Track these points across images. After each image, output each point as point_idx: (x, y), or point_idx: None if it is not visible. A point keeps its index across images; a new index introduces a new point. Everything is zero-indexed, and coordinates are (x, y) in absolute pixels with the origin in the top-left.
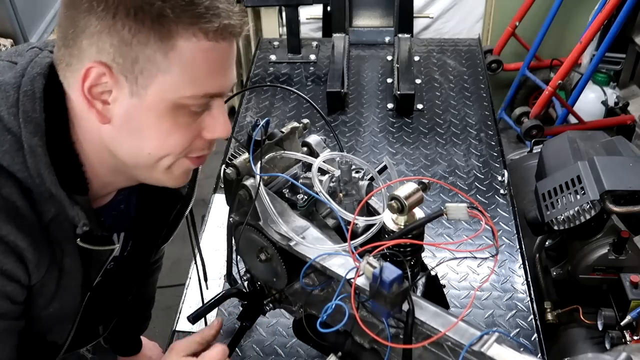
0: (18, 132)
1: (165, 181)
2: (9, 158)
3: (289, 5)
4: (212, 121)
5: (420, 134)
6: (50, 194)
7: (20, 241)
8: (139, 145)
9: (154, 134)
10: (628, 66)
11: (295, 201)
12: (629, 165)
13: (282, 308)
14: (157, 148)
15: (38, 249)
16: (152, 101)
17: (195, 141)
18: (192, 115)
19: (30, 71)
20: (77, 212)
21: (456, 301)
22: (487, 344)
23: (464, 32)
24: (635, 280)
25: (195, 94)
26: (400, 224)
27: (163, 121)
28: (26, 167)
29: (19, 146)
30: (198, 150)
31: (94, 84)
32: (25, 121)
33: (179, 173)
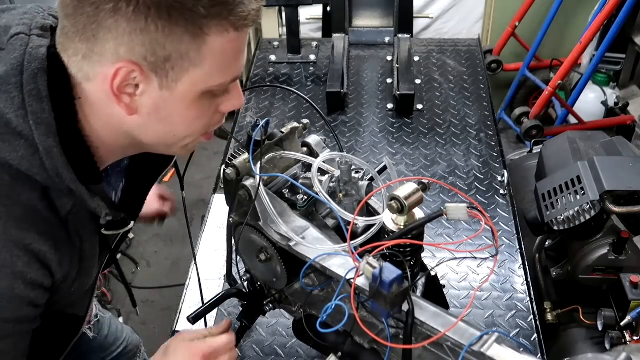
0: (30, 136)
1: (179, 153)
2: (27, 163)
3: (289, 6)
4: (228, 95)
5: (420, 134)
6: (69, 191)
7: (42, 246)
8: (166, 131)
9: (183, 120)
10: (628, 66)
11: (295, 201)
12: (629, 166)
13: (282, 308)
14: (184, 131)
15: (60, 249)
16: (182, 92)
17: (214, 117)
18: (214, 97)
19: (29, 67)
20: (97, 204)
21: (456, 301)
22: (487, 344)
23: (463, 33)
24: (635, 281)
25: (224, 82)
26: (400, 224)
27: (192, 109)
28: (44, 169)
29: (34, 150)
30: (215, 125)
31: (123, 82)
32: (37, 123)
33: (193, 147)
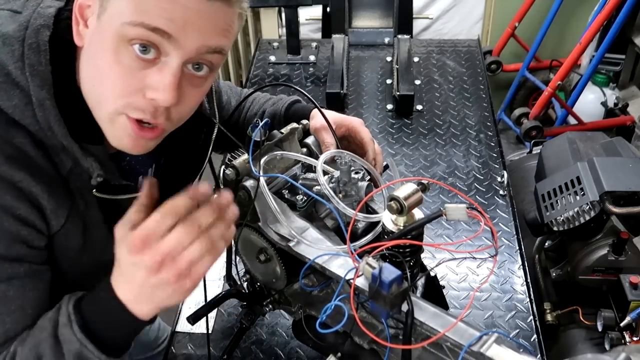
0: (26, 86)
1: (110, 136)
2: (19, 112)
3: (289, 6)
4: (157, 78)
5: (420, 134)
6: (62, 147)
7: (34, 187)
8: (89, 76)
9: (99, 64)
10: (627, 67)
11: (295, 202)
12: (629, 166)
13: (282, 309)
14: (99, 84)
15: (54, 196)
16: (104, 27)
17: (137, 96)
18: (136, 61)
19: (34, 23)
20: (90, 163)
21: (456, 302)
22: (486, 344)
23: (463, 33)
24: (634, 281)
25: (135, 20)
26: (400, 224)
27: (106, 53)
28: (36, 121)
29: (27, 100)
30: (136, 110)
31: (83, 4)
32: (32, 74)
33: (120, 132)
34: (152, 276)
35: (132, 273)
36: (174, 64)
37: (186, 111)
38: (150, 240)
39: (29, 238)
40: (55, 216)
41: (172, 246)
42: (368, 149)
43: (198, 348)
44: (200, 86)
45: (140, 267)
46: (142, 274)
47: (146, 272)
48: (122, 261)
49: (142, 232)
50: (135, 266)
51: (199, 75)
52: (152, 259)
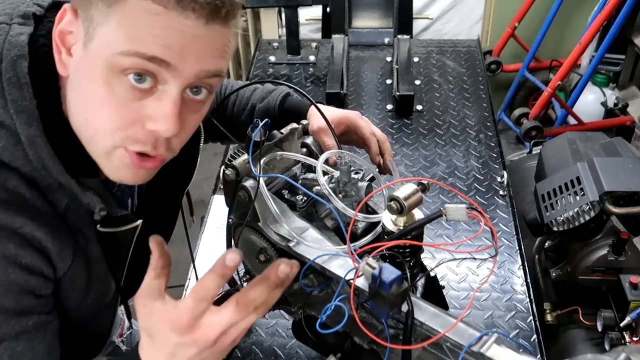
0: (12, 125)
1: (107, 169)
2: (9, 154)
3: (289, 6)
4: (156, 108)
5: (420, 135)
6: (58, 184)
7: (36, 232)
8: (80, 109)
9: (90, 97)
10: (627, 67)
11: (295, 202)
12: (629, 167)
13: (282, 309)
14: (92, 117)
15: (58, 238)
16: (92, 56)
17: (135, 128)
18: (132, 92)
19: (8, 54)
20: (91, 198)
21: (455, 302)
22: (486, 344)
23: (463, 33)
24: (634, 282)
25: (128, 49)
26: (400, 224)
27: (98, 85)
28: (28, 161)
29: (16, 140)
30: (137, 142)
31: (64, 30)
32: (17, 112)
33: (118, 164)
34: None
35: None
36: (173, 92)
37: (186, 137)
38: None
39: (36, 287)
40: (62, 259)
41: (224, 326)
42: (369, 144)
43: None
44: (199, 110)
45: (191, 346)
46: (194, 351)
47: (198, 350)
48: (154, 335)
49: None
50: (185, 346)
51: (198, 99)
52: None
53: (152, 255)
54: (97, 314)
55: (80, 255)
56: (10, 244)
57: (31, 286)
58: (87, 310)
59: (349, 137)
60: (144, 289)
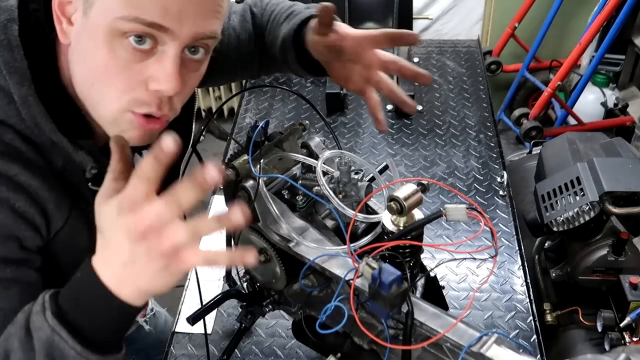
0: (5, 85)
1: (114, 132)
2: (3, 112)
3: None
4: (158, 68)
5: (420, 135)
6: (52, 143)
7: (31, 180)
8: (85, 75)
9: (93, 63)
10: (627, 67)
11: (295, 202)
12: (628, 167)
13: (282, 309)
14: (98, 82)
15: (54, 190)
16: (93, 22)
17: (139, 90)
18: (133, 53)
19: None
20: (83, 157)
21: (455, 302)
22: (486, 345)
23: (463, 34)
24: (634, 282)
25: (128, 14)
26: (400, 225)
27: (101, 50)
28: (22, 119)
29: (9, 99)
30: (143, 104)
31: (63, 0)
32: (9, 72)
33: (126, 127)
34: (136, 244)
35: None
36: (173, 52)
37: (187, 97)
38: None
39: (24, 236)
40: (58, 210)
41: (153, 217)
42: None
43: (198, 348)
44: (197, 70)
45: (123, 230)
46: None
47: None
48: (104, 229)
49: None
50: (118, 229)
51: (196, 58)
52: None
53: (112, 159)
54: None
55: (79, 213)
56: (3, 186)
57: (18, 232)
58: None
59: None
60: (102, 190)
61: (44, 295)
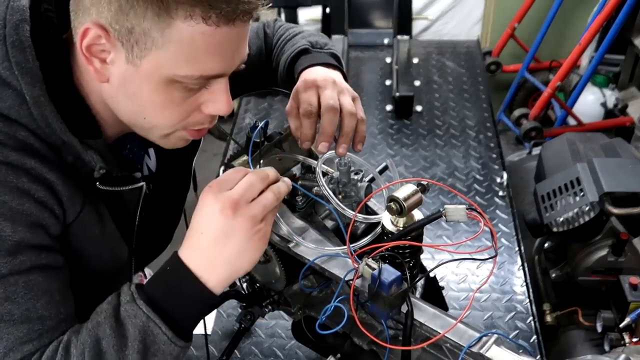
0: (18, 85)
1: (162, 144)
2: (15, 112)
3: (288, 7)
4: (211, 96)
5: (419, 135)
6: (62, 142)
7: (47, 174)
8: (135, 110)
9: (150, 104)
10: (627, 68)
11: (294, 203)
12: (628, 167)
13: (281, 310)
14: (153, 118)
15: (68, 184)
16: (146, 72)
17: (194, 115)
18: (188, 91)
19: (11, 19)
20: (92, 156)
21: (455, 303)
22: (486, 345)
23: (463, 34)
24: (634, 282)
25: (191, 74)
26: (399, 225)
27: (157, 94)
28: (33, 119)
29: (21, 99)
30: (197, 124)
31: (92, 43)
32: (21, 73)
33: (176, 140)
34: (227, 222)
35: (205, 227)
36: (224, 85)
37: None
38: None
39: (48, 224)
40: (72, 203)
41: (245, 188)
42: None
43: (197, 349)
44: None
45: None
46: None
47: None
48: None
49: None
50: (209, 218)
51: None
52: (228, 199)
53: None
54: (114, 277)
55: (90, 206)
56: (23, 177)
57: (44, 220)
58: (104, 267)
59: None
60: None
61: (130, 287)
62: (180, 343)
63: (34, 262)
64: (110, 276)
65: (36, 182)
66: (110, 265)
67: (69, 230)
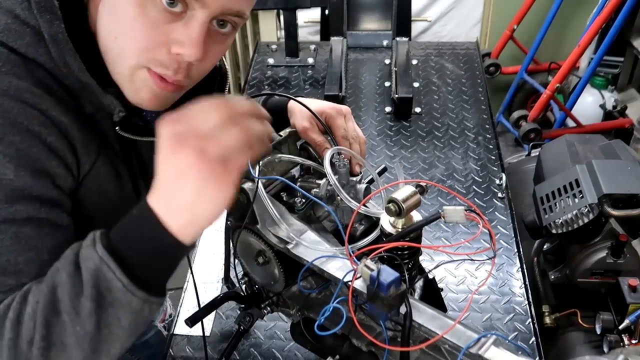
0: (36, 24)
1: (127, 90)
2: (33, 50)
3: (287, 9)
4: (183, 33)
5: (418, 137)
6: (81, 84)
7: (62, 117)
8: (110, 29)
9: (122, 16)
10: (626, 70)
11: (293, 204)
12: (627, 169)
13: (280, 311)
14: (122, 36)
15: (83, 130)
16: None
17: (160, 50)
18: (163, 13)
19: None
20: (111, 100)
21: (454, 304)
22: (484, 346)
23: (462, 36)
24: (633, 284)
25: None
26: (398, 226)
27: (131, 5)
28: (51, 58)
29: (39, 37)
30: (160, 65)
31: None
32: (40, 11)
33: (139, 85)
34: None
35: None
36: (201, 18)
37: (207, 68)
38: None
39: (56, 172)
40: (86, 152)
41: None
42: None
43: (196, 351)
44: (222, 43)
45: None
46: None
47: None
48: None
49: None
50: (160, 154)
51: (222, 32)
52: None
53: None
54: None
55: (106, 158)
56: (35, 120)
57: (51, 168)
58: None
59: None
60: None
61: (95, 232)
62: (139, 294)
63: (30, 214)
64: None
65: (48, 125)
66: None
67: (82, 183)
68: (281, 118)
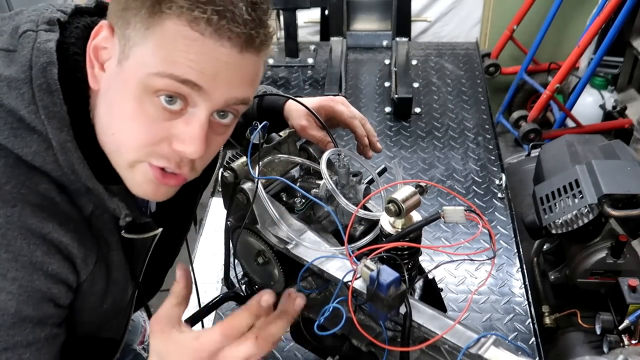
0: (43, 130)
1: (129, 182)
2: (40, 158)
3: (287, 9)
4: (184, 130)
5: (418, 137)
6: (86, 189)
7: (63, 237)
8: (107, 123)
9: (119, 112)
10: (626, 70)
11: (293, 205)
12: (627, 169)
13: None
14: (120, 131)
15: (83, 244)
16: (126, 74)
17: (161, 145)
18: (162, 111)
19: (37, 61)
20: (117, 204)
21: (454, 305)
22: (484, 346)
23: (461, 36)
24: (633, 284)
25: (163, 70)
26: (398, 227)
27: (129, 102)
28: (59, 166)
29: (47, 145)
30: (161, 158)
31: (99, 45)
32: (48, 117)
33: (141, 179)
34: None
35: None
36: (202, 115)
37: (209, 159)
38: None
39: (58, 296)
40: (85, 264)
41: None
42: (353, 127)
43: None
44: (224, 133)
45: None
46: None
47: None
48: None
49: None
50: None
51: (224, 123)
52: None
53: (177, 284)
54: (112, 319)
55: (101, 261)
56: (38, 250)
57: (53, 295)
58: (103, 315)
59: (330, 122)
60: (162, 314)
61: None
62: None
63: (30, 340)
64: (110, 318)
65: (51, 253)
66: (110, 311)
67: (77, 289)
68: (277, 118)
